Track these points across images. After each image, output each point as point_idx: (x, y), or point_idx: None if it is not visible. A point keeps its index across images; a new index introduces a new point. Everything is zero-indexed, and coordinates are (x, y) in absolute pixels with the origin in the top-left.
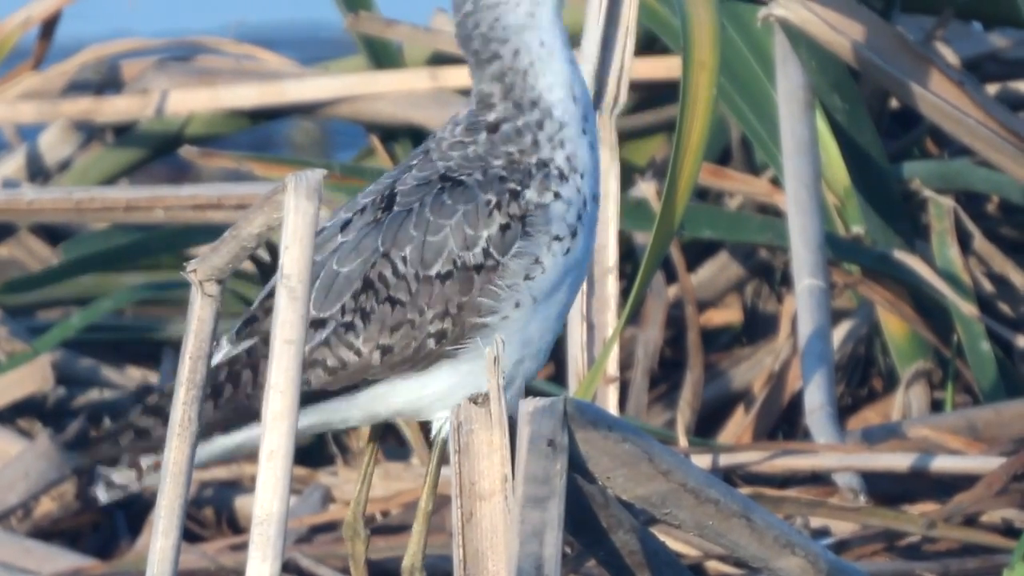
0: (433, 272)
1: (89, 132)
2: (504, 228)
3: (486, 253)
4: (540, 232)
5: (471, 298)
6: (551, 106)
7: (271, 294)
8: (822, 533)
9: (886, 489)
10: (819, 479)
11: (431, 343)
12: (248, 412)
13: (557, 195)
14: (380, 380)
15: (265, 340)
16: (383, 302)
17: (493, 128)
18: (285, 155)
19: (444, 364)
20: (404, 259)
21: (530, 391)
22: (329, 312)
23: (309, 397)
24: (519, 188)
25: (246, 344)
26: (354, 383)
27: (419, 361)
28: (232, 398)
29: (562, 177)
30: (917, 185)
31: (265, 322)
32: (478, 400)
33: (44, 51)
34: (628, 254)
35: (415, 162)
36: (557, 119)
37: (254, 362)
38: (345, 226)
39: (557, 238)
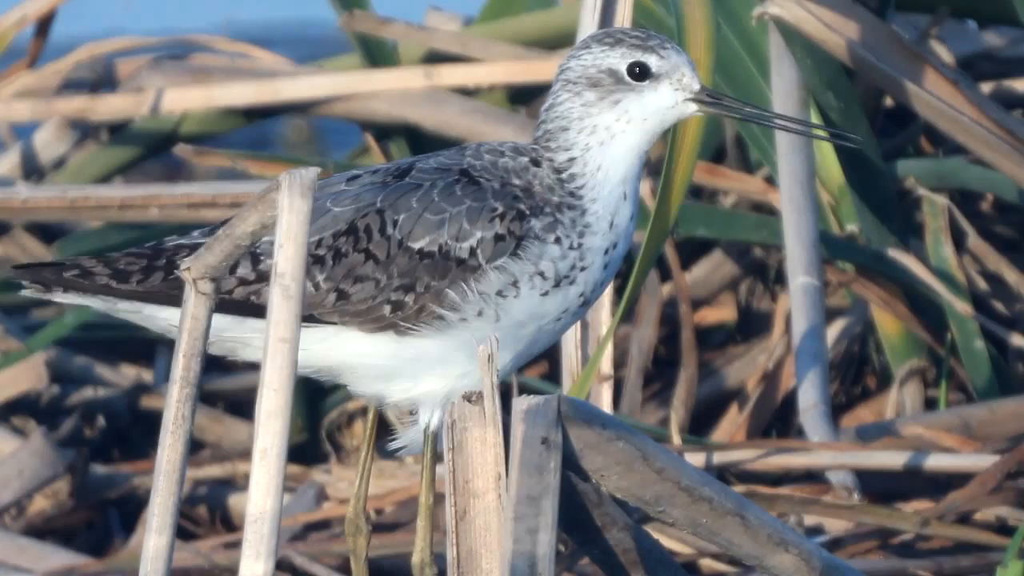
0: (416, 246)
1: (84, 130)
2: (499, 238)
3: (472, 252)
4: (528, 261)
5: (440, 285)
6: (587, 209)
7: None
8: (816, 531)
9: (880, 487)
10: (813, 477)
11: (386, 309)
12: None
13: (559, 240)
14: (326, 323)
15: None
16: (359, 251)
17: (536, 163)
18: (279, 153)
19: (391, 337)
20: (395, 222)
21: (524, 389)
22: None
23: (258, 311)
24: (528, 213)
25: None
26: (303, 315)
27: (368, 321)
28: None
29: (568, 238)
30: (911, 183)
31: None
32: (472, 398)
33: (39, 49)
34: None
35: (444, 153)
36: (587, 220)
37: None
38: (353, 179)
39: (541, 275)
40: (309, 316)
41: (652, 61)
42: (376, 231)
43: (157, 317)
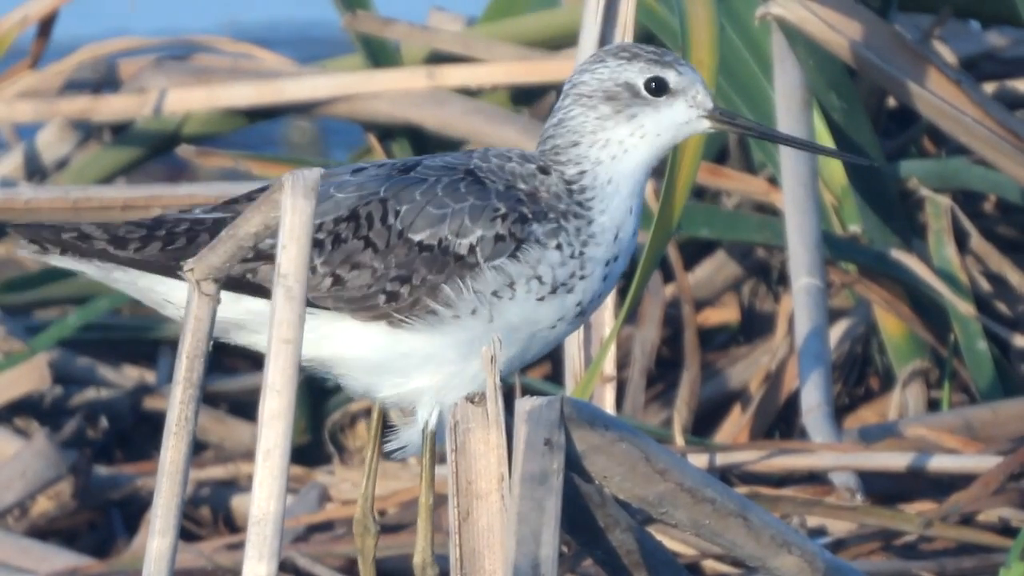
0: (416, 238)
1: (86, 131)
2: (499, 238)
3: (471, 249)
4: (527, 263)
5: (437, 280)
6: (593, 220)
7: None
8: (819, 532)
9: (883, 488)
10: (816, 478)
11: (381, 298)
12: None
13: (560, 247)
14: (319, 308)
15: (235, 216)
16: (358, 238)
17: (544, 171)
18: (282, 154)
19: (383, 328)
20: (397, 213)
21: (527, 390)
22: None
23: (254, 288)
24: (530, 217)
25: (216, 215)
26: None
27: (362, 309)
28: (182, 250)
29: (571, 246)
30: (914, 184)
31: (243, 204)
32: (475, 399)
33: (41, 50)
34: None
35: (452, 154)
36: (593, 230)
37: (215, 230)
38: (358, 172)
39: (539, 280)
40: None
41: (670, 77)
42: (378, 219)
43: (154, 289)
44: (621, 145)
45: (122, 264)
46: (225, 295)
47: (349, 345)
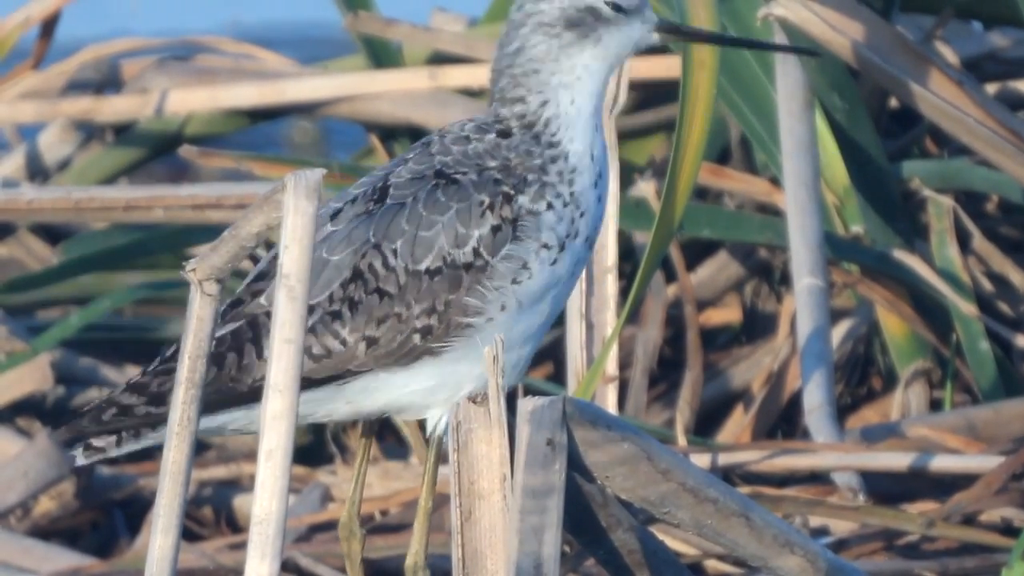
0: (423, 267)
1: (88, 132)
2: (495, 229)
3: (476, 252)
4: (530, 238)
5: (458, 296)
6: (568, 153)
7: (258, 277)
8: (821, 532)
9: (885, 488)
10: (818, 478)
11: (416, 338)
12: (230, 394)
13: (550, 205)
14: (364, 372)
15: (250, 323)
16: (371, 293)
17: (504, 134)
18: (284, 155)
19: (427, 361)
20: (395, 251)
21: (529, 390)
22: (317, 299)
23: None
24: (512, 192)
25: (231, 327)
26: (338, 372)
27: (403, 356)
28: (215, 380)
29: (559, 196)
30: (916, 184)
31: (250, 305)
32: (477, 399)
33: (44, 51)
34: (627, 253)
35: (411, 155)
36: (572, 163)
37: (238, 345)
38: (335, 215)
39: (546, 246)
40: (347, 371)
41: None
42: (380, 267)
43: (210, 426)
44: (586, 68)
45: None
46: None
47: (402, 388)
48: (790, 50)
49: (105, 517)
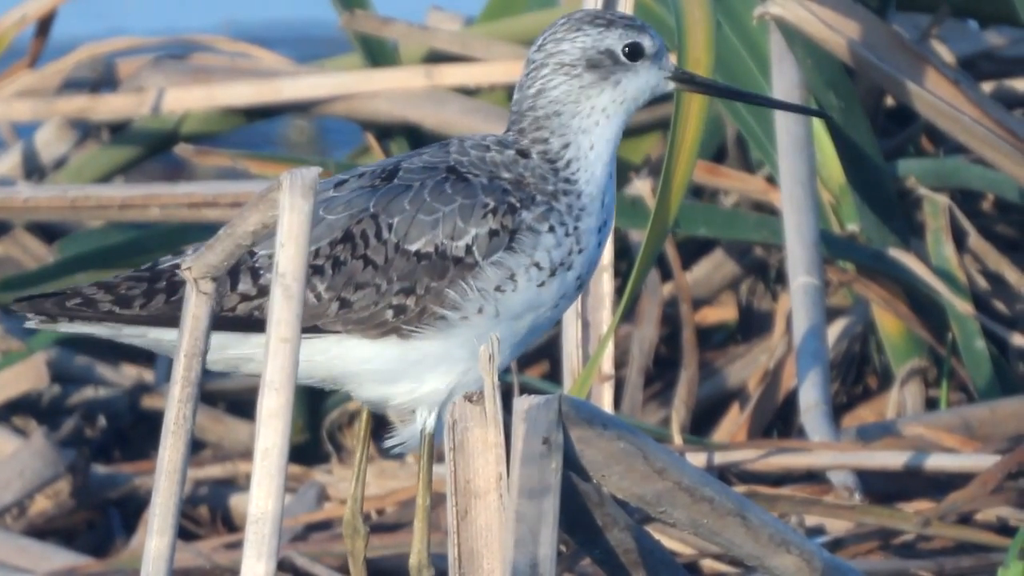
0: (413, 248)
1: (84, 130)
2: (493, 233)
3: (468, 250)
4: (524, 252)
5: (440, 286)
6: (582, 192)
7: None
8: (817, 531)
9: (881, 487)
10: (814, 477)
11: (388, 314)
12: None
13: (552, 228)
14: (330, 333)
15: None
16: (357, 258)
17: (524, 154)
18: (280, 153)
19: (393, 341)
20: (390, 226)
21: (525, 389)
22: None
23: (260, 325)
24: (518, 206)
25: None
26: (306, 325)
27: (372, 328)
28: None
29: (564, 225)
30: (912, 183)
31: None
32: (473, 398)
33: (39, 49)
34: (623, 252)
35: (428, 150)
36: (583, 202)
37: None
38: (340, 184)
39: (537, 266)
40: (312, 327)
41: (645, 42)
42: (372, 236)
43: (163, 340)
44: (604, 112)
45: (131, 323)
46: (232, 335)
47: (362, 362)
48: (801, 111)
49: (101, 516)
